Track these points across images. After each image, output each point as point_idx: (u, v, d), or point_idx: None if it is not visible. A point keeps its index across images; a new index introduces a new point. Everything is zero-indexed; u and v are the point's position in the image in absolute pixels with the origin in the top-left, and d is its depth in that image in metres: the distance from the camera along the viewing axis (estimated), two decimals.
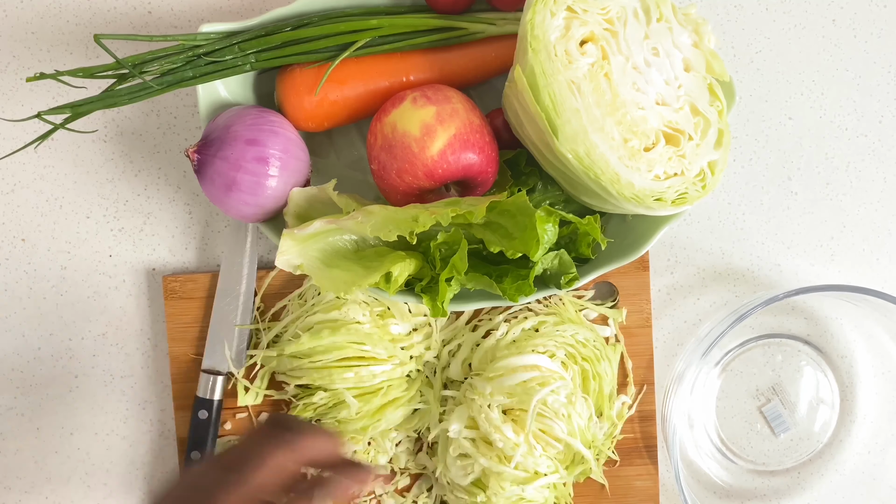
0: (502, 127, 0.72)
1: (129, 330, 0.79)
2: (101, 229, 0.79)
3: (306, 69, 0.71)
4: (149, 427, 0.79)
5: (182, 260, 0.79)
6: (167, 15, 0.78)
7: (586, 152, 0.63)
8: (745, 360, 0.79)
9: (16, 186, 0.79)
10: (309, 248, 0.67)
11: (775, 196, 0.79)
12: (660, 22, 0.65)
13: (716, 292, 0.79)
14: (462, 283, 0.67)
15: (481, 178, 0.69)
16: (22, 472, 0.80)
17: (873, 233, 0.80)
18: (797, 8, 0.79)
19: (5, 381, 0.79)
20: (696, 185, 0.66)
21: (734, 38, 0.79)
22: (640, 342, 0.78)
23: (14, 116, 0.78)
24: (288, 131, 0.70)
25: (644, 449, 0.78)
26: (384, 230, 0.65)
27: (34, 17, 0.78)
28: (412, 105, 0.67)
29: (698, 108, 0.66)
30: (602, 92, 0.63)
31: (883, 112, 0.79)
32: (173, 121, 0.79)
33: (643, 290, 0.78)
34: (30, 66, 0.78)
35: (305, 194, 0.69)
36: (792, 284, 0.79)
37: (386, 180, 0.68)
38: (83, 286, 0.79)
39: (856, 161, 0.79)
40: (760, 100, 0.79)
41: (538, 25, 0.62)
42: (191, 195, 0.79)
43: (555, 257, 0.68)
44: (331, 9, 0.71)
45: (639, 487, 0.78)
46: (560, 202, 0.72)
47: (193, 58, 0.69)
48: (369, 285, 0.65)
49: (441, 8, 0.71)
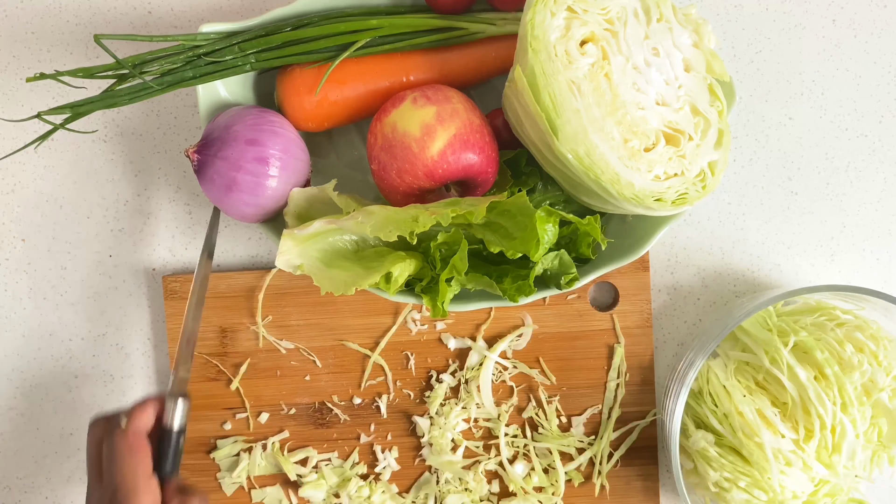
0: (502, 127, 0.72)
1: (129, 330, 0.79)
2: (101, 229, 0.79)
3: (306, 69, 0.71)
4: None
5: (182, 260, 0.79)
6: (167, 15, 0.78)
7: (586, 152, 0.63)
8: None
9: (16, 186, 0.79)
10: (309, 249, 0.67)
11: (775, 196, 0.79)
12: (660, 22, 0.65)
13: (716, 292, 0.79)
14: (462, 283, 0.67)
15: (481, 179, 0.69)
16: (22, 472, 0.80)
17: (873, 233, 0.80)
18: (797, 8, 0.79)
19: (5, 381, 0.79)
20: (697, 186, 0.66)
21: (734, 38, 0.79)
22: (640, 342, 0.78)
23: (14, 116, 0.78)
24: (288, 131, 0.70)
25: (644, 449, 0.78)
26: (384, 230, 0.65)
27: (34, 17, 0.78)
28: (412, 105, 0.67)
29: (698, 109, 0.66)
30: (602, 92, 0.63)
31: (883, 112, 0.79)
32: (173, 121, 0.79)
33: (643, 290, 0.78)
34: (30, 66, 0.78)
35: (305, 194, 0.69)
36: (792, 284, 0.79)
37: (386, 180, 0.68)
38: (83, 286, 0.79)
39: (856, 161, 0.79)
40: (760, 100, 0.79)
41: (538, 25, 0.62)
42: (191, 195, 0.79)
43: (555, 257, 0.68)
44: (331, 9, 0.71)
45: (639, 487, 0.78)
46: (560, 202, 0.72)
47: (193, 58, 0.69)
48: (369, 286, 0.65)
49: (441, 8, 0.71)
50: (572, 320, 0.78)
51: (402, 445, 0.79)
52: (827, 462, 0.71)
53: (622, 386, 0.78)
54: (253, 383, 0.78)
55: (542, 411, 0.78)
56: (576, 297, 0.78)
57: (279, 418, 0.78)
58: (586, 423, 0.78)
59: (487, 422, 0.78)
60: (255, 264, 0.79)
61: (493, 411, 0.78)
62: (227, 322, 0.78)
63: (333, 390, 0.78)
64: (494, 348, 0.78)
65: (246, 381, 0.78)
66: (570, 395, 0.78)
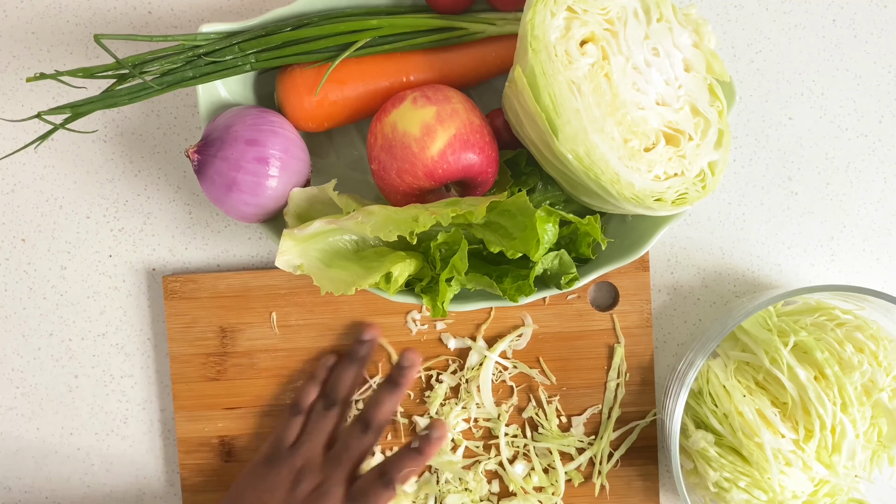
0: (502, 127, 0.72)
1: (129, 330, 0.79)
2: (101, 229, 0.79)
3: (306, 69, 0.71)
4: (149, 427, 0.79)
5: (182, 260, 0.79)
6: (167, 15, 0.78)
7: (586, 152, 0.63)
8: None
9: (16, 186, 0.79)
10: (309, 249, 0.67)
11: (775, 196, 0.79)
12: (660, 22, 0.65)
13: (716, 292, 0.79)
14: (462, 283, 0.67)
15: (481, 178, 0.69)
16: (22, 472, 0.80)
17: (873, 233, 0.80)
18: (797, 8, 0.79)
19: (5, 381, 0.79)
20: (697, 186, 0.66)
21: (734, 38, 0.79)
22: (640, 342, 0.78)
23: (14, 116, 0.78)
24: (288, 131, 0.70)
25: (644, 449, 0.78)
26: (384, 230, 0.65)
27: (34, 17, 0.78)
28: (412, 105, 0.67)
29: (698, 109, 0.66)
30: (602, 92, 0.63)
31: (883, 112, 0.79)
32: (173, 121, 0.79)
33: (643, 290, 0.78)
34: (30, 66, 0.78)
35: (305, 194, 0.69)
36: (792, 284, 0.79)
37: (386, 180, 0.68)
38: (83, 286, 0.79)
39: (856, 161, 0.79)
40: (760, 100, 0.79)
41: (538, 25, 0.62)
42: (191, 195, 0.79)
43: (555, 257, 0.68)
44: (331, 9, 0.71)
45: (639, 487, 0.78)
46: (560, 202, 0.72)
47: (193, 58, 0.69)
48: (369, 285, 0.65)
49: (441, 8, 0.71)
50: (572, 320, 0.78)
51: (403, 445, 0.79)
52: (827, 462, 0.71)
53: (622, 386, 0.78)
54: (253, 383, 0.78)
55: (542, 411, 0.78)
56: (576, 297, 0.78)
57: (279, 418, 0.78)
58: (586, 423, 0.78)
59: (487, 422, 0.78)
60: (255, 264, 0.79)
61: (493, 411, 0.78)
62: (227, 322, 0.78)
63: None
64: (494, 348, 0.78)
65: (246, 381, 0.78)
66: (570, 395, 0.78)
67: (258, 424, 0.78)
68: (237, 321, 0.78)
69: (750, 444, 0.71)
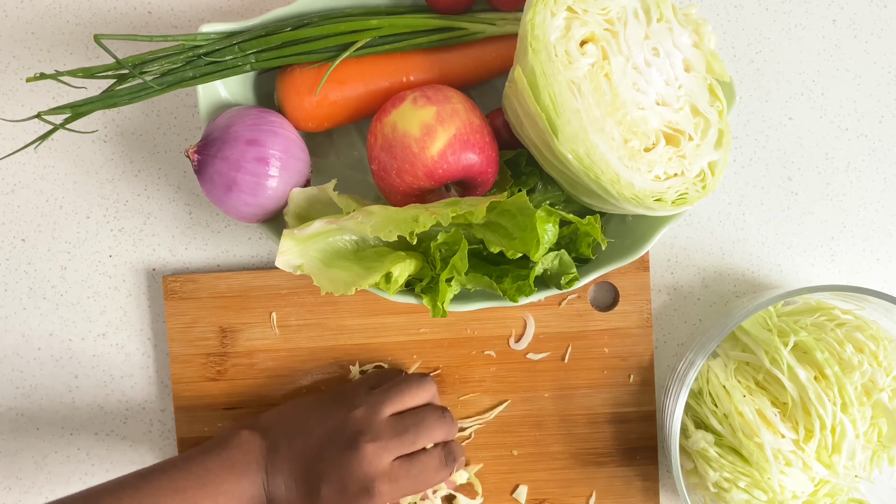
0: (502, 127, 0.72)
1: (129, 330, 0.79)
2: (101, 229, 0.79)
3: (306, 69, 0.71)
4: (149, 427, 0.79)
5: (182, 260, 0.79)
6: (167, 15, 0.78)
7: (586, 153, 0.63)
8: None
9: (16, 186, 0.79)
10: (309, 249, 0.67)
11: (775, 196, 0.79)
12: (660, 22, 0.65)
13: (716, 292, 0.79)
14: (462, 283, 0.67)
15: (481, 179, 0.69)
16: (22, 472, 0.80)
17: (873, 233, 0.80)
18: (797, 8, 0.79)
19: (5, 381, 0.79)
20: (697, 186, 0.66)
21: (734, 38, 0.79)
22: (640, 342, 0.78)
23: (14, 116, 0.78)
24: (288, 131, 0.70)
25: (644, 449, 0.78)
26: (384, 230, 0.65)
27: (34, 17, 0.78)
28: (412, 105, 0.67)
29: (698, 109, 0.66)
30: (602, 92, 0.63)
31: (883, 112, 0.79)
32: (173, 121, 0.79)
33: (643, 290, 0.78)
34: (30, 66, 0.78)
35: (305, 194, 0.69)
36: (792, 284, 0.79)
37: (386, 180, 0.68)
38: (83, 286, 0.79)
39: (856, 161, 0.79)
40: (760, 100, 0.79)
41: (538, 26, 0.62)
42: (191, 195, 0.79)
43: (555, 257, 0.68)
44: (331, 9, 0.71)
45: (639, 487, 0.78)
46: (560, 202, 0.72)
47: (193, 58, 0.69)
48: (369, 286, 0.65)
49: (441, 8, 0.71)
50: (572, 320, 0.78)
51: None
52: (827, 462, 0.71)
53: (622, 386, 0.78)
54: (253, 383, 0.78)
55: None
56: (576, 297, 0.78)
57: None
58: (586, 423, 0.78)
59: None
60: (255, 264, 0.79)
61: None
62: (227, 322, 0.78)
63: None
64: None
65: (246, 381, 0.78)
66: (571, 395, 0.78)
67: None
68: (237, 321, 0.78)
69: (750, 444, 0.71)
